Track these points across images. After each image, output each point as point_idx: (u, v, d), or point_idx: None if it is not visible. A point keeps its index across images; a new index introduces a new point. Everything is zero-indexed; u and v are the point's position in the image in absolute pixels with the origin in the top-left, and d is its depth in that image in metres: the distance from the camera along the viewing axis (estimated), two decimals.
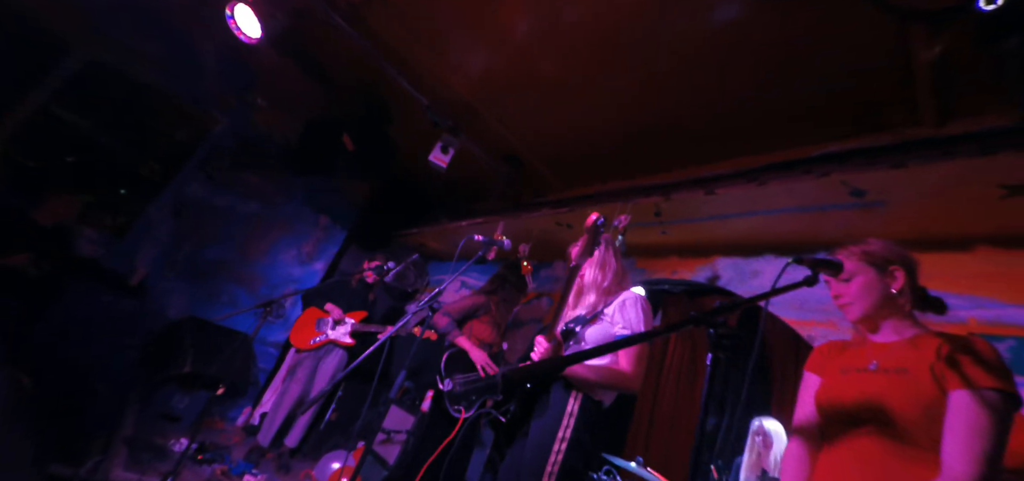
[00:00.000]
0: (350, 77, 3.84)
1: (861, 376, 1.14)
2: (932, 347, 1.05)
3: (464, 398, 2.57)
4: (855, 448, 1.07)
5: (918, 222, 1.95)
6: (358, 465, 1.87)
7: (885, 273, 1.18)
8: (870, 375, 1.12)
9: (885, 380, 1.08)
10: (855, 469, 1.06)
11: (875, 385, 1.09)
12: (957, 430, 0.94)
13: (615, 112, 2.76)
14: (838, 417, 1.14)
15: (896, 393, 1.04)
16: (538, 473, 1.53)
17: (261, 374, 4.32)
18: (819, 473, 1.14)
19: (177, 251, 4.12)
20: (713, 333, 0.98)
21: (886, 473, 1.01)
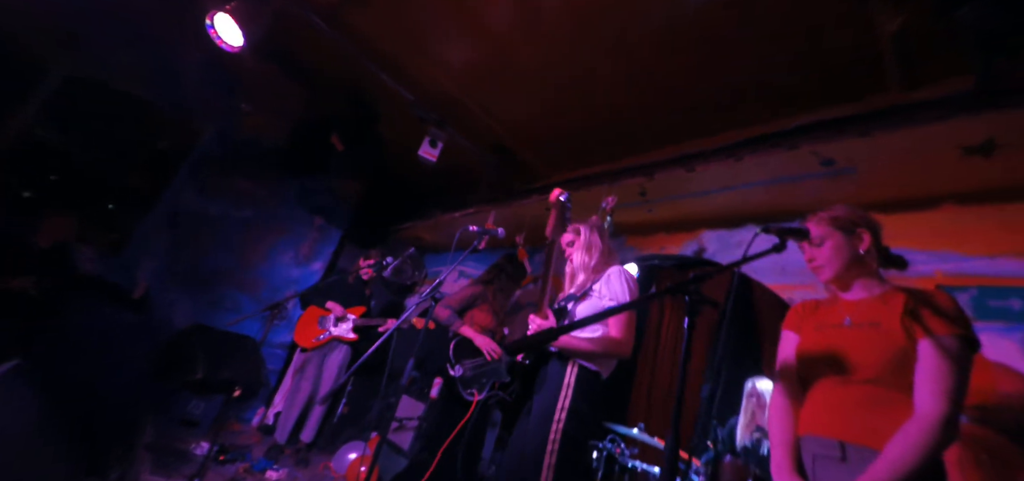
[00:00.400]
0: (334, 77, 3.86)
1: (836, 331, 1.23)
2: (899, 302, 1.16)
3: (475, 382, 2.67)
4: (834, 396, 1.17)
5: (886, 186, 2.05)
6: (375, 453, 1.98)
7: (853, 235, 1.28)
8: (844, 330, 1.21)
9: (859, 333, 1.18)
10: (836, 415, 1.16)
11: (850, 338, 1.19)
12: (926, 374, 1.05)
13: (596, 97, 2.82)
14: (817, 369, 1.24)
15: (870, 345, 1.14)
16: (541, 443, 1.62)
17: (271, 375, 4.43)
18: (803, 422, 1.23)
19: (176, 262, 4.17)
20: (688, 300, 1.06)
21: (863, 416, 1.11)
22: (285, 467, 3.28)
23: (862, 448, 1.08)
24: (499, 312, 3.02)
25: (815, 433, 1.18)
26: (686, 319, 1.05)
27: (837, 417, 1.15)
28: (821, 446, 1.15)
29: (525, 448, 1.70)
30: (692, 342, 1.08)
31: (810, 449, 1.18)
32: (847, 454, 1.10)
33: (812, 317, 1.35)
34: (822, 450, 1.14)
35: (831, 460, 1.12)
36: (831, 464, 1.12)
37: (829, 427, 1.15)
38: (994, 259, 1.83)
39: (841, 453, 1.11)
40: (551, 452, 1.61)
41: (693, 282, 1.07)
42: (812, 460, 1.16)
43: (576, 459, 1.68)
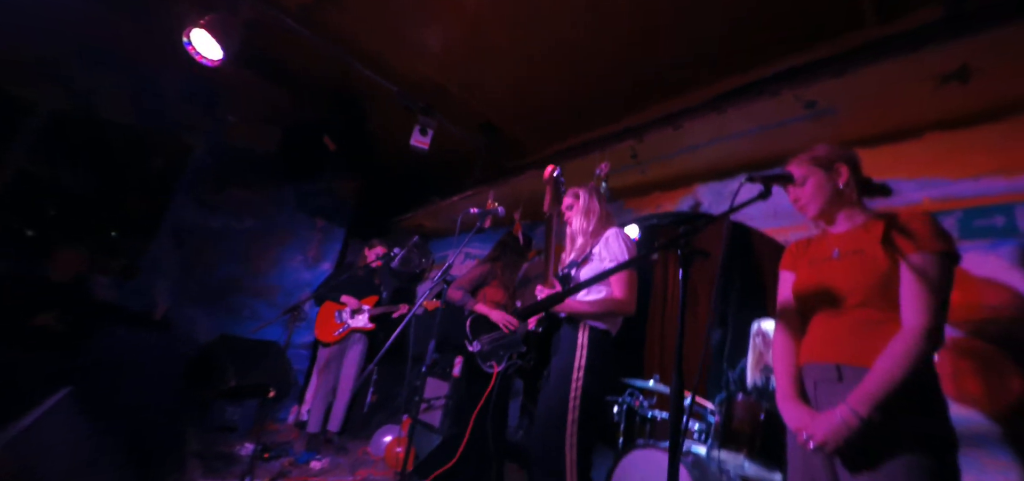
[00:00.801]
0: (317, 78, 3.88)
1: (826, 264, 1.30)
2: (879, 227, 1.23)
3: (494, 354, 2.79)
4: (830, 325, 1.25)
5: (868, 121, 2.09)
6: (409, 434, 2.13)
7: (831, 171, 1.33)
8: (833, 262, 1.29)
9: (846, 263, 1.25)
10: (831, 341, 1.23)
11: (839, 269, 1.26)
12: (909, 291, 1.13)
13: (575, 64, 2.83)
14: (813, 302, 1.31)
15: (856, 272, 1.22)
16: (564, 400, 1.74)
17: (298, 375, 4.61)
18: (803, 353, 1.31)
19: (189, 279, 4.29)
20: (681, 254, 1.11)
21: (856, 339, 1.18)
22: (327, 456, 3.48)
23: (856, 368, 1.15)
24: (509, 286, 3.12)
25: (814, 360, 1.26)
26: (681, 271, 1.11)
27: (832, 343, 1.23)
28: (820, 371, 1.23)
29: (549, 410, 1.80)
30: (687, 293, 1.15)
31: (811, 376, 1.26)
32: (843, 375, 1.17)
33: (805, 254, 1.42)
34: (821, 375, 1.22)
35: (829, 382, 1.20)
36: (829, 386, 1.19)
37: (826, 353, 1.23)
38: (978, 180, 1.88)
39: (837, 375, 1.18)
40: (573, 407, 1.73)
41: (684, 236, 1.11)
42: (813, 386, 1.24)
43: (596, 413, 1.79)
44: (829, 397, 1.18)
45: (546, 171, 2.04)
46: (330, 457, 3.49)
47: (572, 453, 1.70)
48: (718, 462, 2.48)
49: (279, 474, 2.98)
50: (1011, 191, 1.80)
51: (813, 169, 1.35)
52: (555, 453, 1.71)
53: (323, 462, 3.34)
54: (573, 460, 1.69)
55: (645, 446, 2.47)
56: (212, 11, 2.80)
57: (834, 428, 1.09)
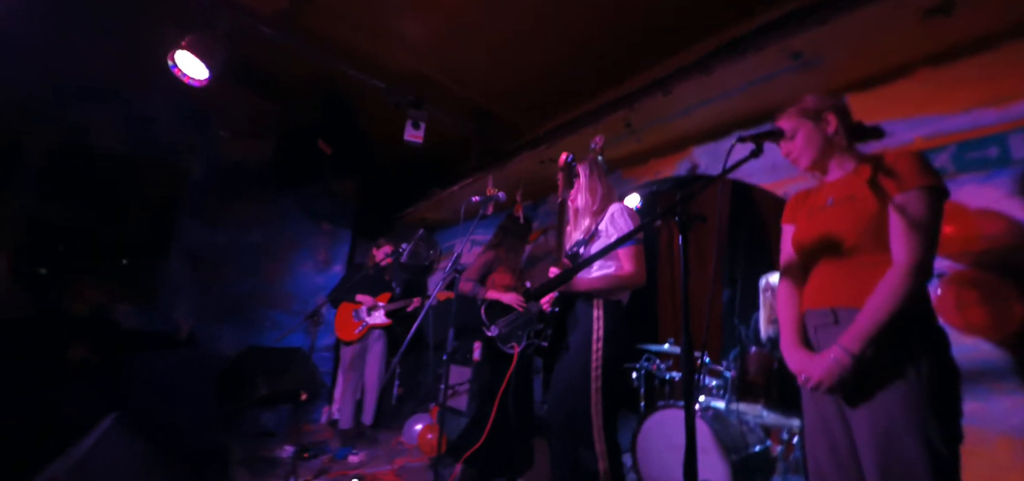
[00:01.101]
0: (302, 84, 3.90)
1: (823, 213, 1.33)
2: (866, 170, 1.26)
3: (512, 335, 2.87)
4: (828, 272, 1.29)
5: (856, 66, 2.08)
6: (439, 420, 2.24)
7: (820, 121, 1.36)
8: (828, 210, 1.32)
9: (840, 210, 1.28)
10: (828, 287, 1.28)
11: (833, 216, 1.29)
12: (897, 228, 1.15)
13: (559, 37, 2.81)
14: (812, 251, 1.35)
15: (849, 217, 1.25)
16: (585, 369, 1.81)
17: (325, 376, 4.78)
18: (804, 302, 1.36)
19: (207, 297, 4.42)
20: (678, 221, 1.16)
21: (849, 282, 1.23)
22: (363, 449, 3.65)
23: (851, 309, 1.18)
24: (515, 268, 3.20)
25: (813, 307, 1.30)
26: (681, 238, 1.16)
27: (828, 289, 1.27)
28: (818, 317, 1.27)
29: (570, 380, 1.87)
30: (690, 258, 1.20)
31: (811, 322, 1.30)
32: (839, 318, 1.21)
33: (803, 206, 1.45)
34: (819, 320, 1.27)
35: (827, 327, 1.25)
36: (827, 330, 1.24)
37: (823, 299, 1.27)
38: (969, 113, 1.88)
39: (834, 318, 1.23)
40: (595, 376, 1.79)
41: (680, 203, 1.16)
42: (814, 331, 1.29)
43: (618, 378, 1.85)
44: (828, 340, 1.22)
45: (561, 158, 2.07)
46: (366, 450, 3.66)
47: (598, 418, 1.77)
48: (737, 414, 2.58)
49: (320, 471, 3.14)
50: (1002, 121, 1.80)
51: (802, 121, 1.37)
52: (582, 422, 1.78)
53: (360, 455, 3.51)
54: (599, 425, 1.77)
55: (666, 406, 2.57)
56: (191, 31, 2.82)
57: (828, 367, 1.15)
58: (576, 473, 1.82)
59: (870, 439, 1.11)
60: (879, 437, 1.10)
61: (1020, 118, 1.77)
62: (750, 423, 2.62)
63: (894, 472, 1.06)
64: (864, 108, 2.14)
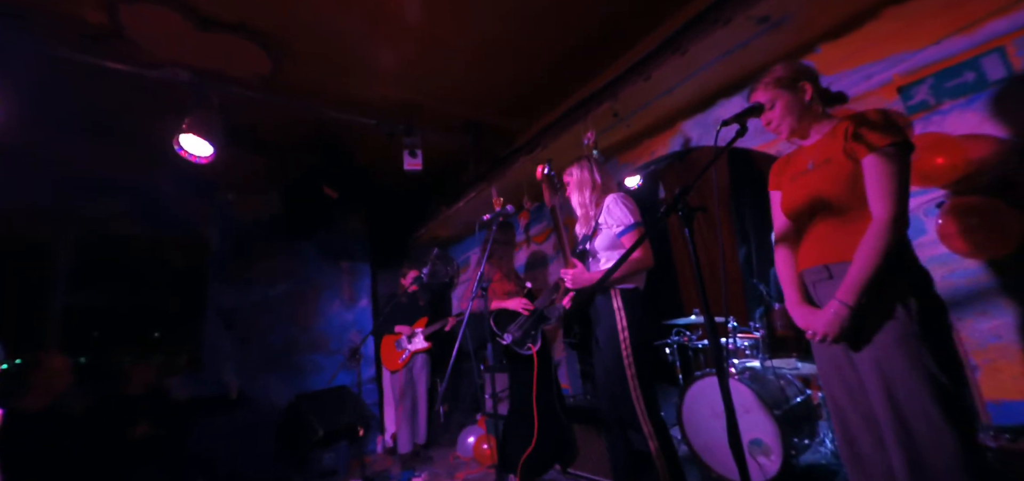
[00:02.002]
0: (297, 136, 4.04)
1: (804, 177, 1.43)
2: (841, 132, 1.34)
3: (527, 337, 2.99)
4: (818, 231, 1.39)
5: (824, 15, 2.13)
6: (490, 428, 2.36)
7: (796, 89, 1.43)
8: (809, 174, 1.41)
9: (820, 173, 1.37)
10: (818, 245, 1.38)
11: (814, 180, 1.38)
12: (873, 184, 1.24)
13: (530, 39, 2.87)
14: (800, 214, 1.45)
15: (829, 179, 1.34)
16: (619, 362, 1.94)
17: (373, 407, 5.00)
18: (800, 262, 1.46)
19: (249, 354, 4.66)
20: (681, 215, 1.25)
21: (836, 239, 1.33)
22: (423, 470, 3.84)
23: (841, 264, 1.29)
24: (511, 272, 3.31)
25: (808, 265, 1.41)
26: (686, 231, 1.25)
27: (819, 247, 1.38)
28: (814, 274, 1.39)
29: (608, 371, 2.00)
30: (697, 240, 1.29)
31: (809, 279, 1.41)
32: (832, 273, 1.32)
33: (786, 171, 1.54)
34: (815, 277, 1.38)
35: (823, 282, 1.35)
36: (824, 285, 1.35)
37: (816, 257, 1.38)
38: (940, 43, 1.92)
39: (828, 274, 1.33)
40: (628, 365, 1.92)
41: (679, 199, 1.25)
42: (812, 287, 1.41)
43: (649, 360, 1.97)
44: (826, 294, 1.34)
45: (537, 171, 2.18)
46: (427, 470, 3.85)
47: (640, 403, 1.90)
48: (773, 370, 2.66)
49: None
50: (974, 45, 1.83)
51: (778, 92, 1.44)
52: (626, 408, 1.92)
53: (422, 476, 3.69)
54: (642, 409, 1.90)
55: (703, 376, 2.66)
56: (186, 112, 2.96)
57: (829, 320, 1.26)
58: (630, 456, 1.96)
59: (874, 375, 1.23)
60: (882, 373, 1.21)
61: (990, 39, 1.81)
62: (787, 376, 2.69)
63: (898, 401, 1.17)
64: (840, 56, 2.21)
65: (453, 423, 4.68)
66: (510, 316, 3.05)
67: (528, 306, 3.01)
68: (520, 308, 3.02)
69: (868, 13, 2.09)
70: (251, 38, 2.71)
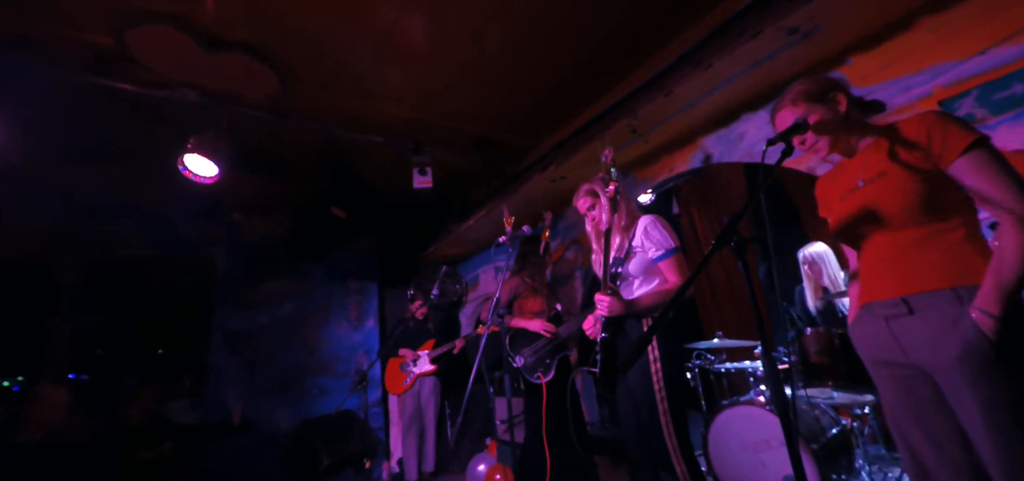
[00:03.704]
0: (305, 156, 4.00)
1: (855, 195, 1.29)
2: (886, 143, 1.21)
3: (539, 364, 2.84)
4: (881, 257, 1.24)
5: (855, 26, 2.03)
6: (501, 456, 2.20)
7: (829, 102, 1.30)
8: (861, 192, 1.27)
9: (873, 190, 1.23)
10: (887, 274, 1.22)
11: (868, 197, 1.24)
12: (980, 189, 1.08)
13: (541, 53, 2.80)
14: (853, 235, 1.32)
15: (887, 195, 1.19)
16: (649, 394, 1.80)
17: (379, 432, 4.86)
18: (864, 292, 1.30)
19: (254, 378, 4.55)
20: (734, 245, 1.10)
21: (910, 265, 1.17)
22: None
23: (923, 295, 1.13)
24: (542, 290, 3.16)
25: (879, 298, 1.24)
26: (740, 264, 1.11)
27: (889, 276, 1.21)
28: (887, 308, 1.20)
29: (638, 406, 1.86)
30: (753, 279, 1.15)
31: (880, 313, 1.23)
32: (912, 306, 1.15)
33: (833, 190, 1.41)
34: (890, 311, 1.20)
35: (900, 317, 1.17)
36: (901, 321, 1.17)
37: (887, 288, 1.21)
38: (985, 54, 1.81)
39: (907, 308, 1.16)
40: (661, 399, 1.78)
41: (730, 229, 1.10)
42: (886, 323, 1.21)
43: (682, 393, 1.84)
44: (905, 330, 1.16)
45: (610, 189, 1.99)
46: None
47: (672, 439, 1.76)
48: (806, 400, 2.49)
49: None
50: (1022, 55, 1.73)
51: (811, 107, 1.31)
52: (657, 445, 1.77)
53: None
54: (675, 446, 1.75)
55: (732, 405, 2.50)
56: (192, 129, 2.91)
57: (968, 341, 1.03)
58: None
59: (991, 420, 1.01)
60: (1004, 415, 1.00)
61: None
62: (822, 406, 2.53)
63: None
64: (875, 67, 2.11)
65: (463, 449, 4.52)
66: (528, 338, 2.91)
67: (550, 330, 2.87)
68: (541, 330, 2.87)
69: (900, 24, 2.00)
70: (259, 59, 2.66)
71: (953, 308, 1.08)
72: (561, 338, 2.86)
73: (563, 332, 2.87)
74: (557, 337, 2.85)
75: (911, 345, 1.16)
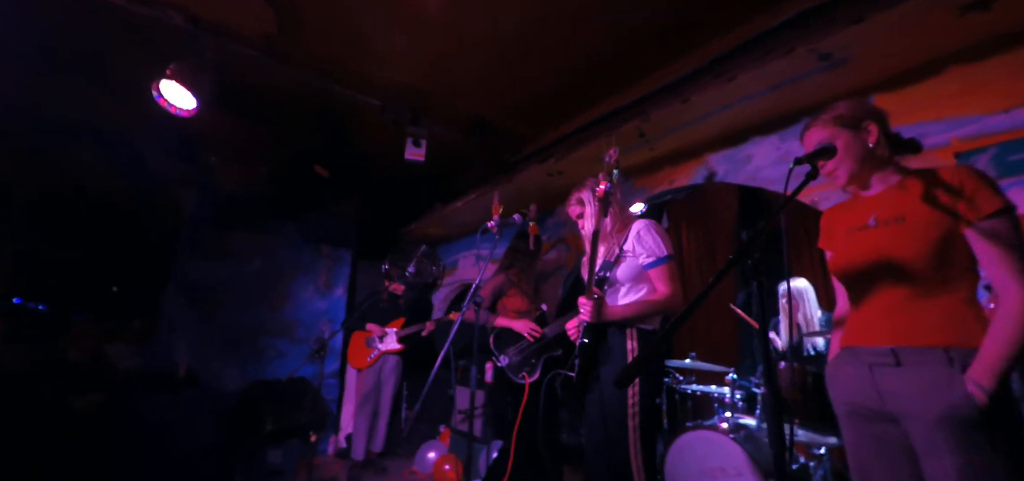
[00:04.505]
0: (296, 107, 3.77)
1: (864, 234, 1.23)
2: (919, 188, 1.15)
3: (525, 364, 2.75)
4: (878, 305, 1.19)
5: (885, 64, 1.99)
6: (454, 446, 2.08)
7: (859, 130, 1.24)
8: (871, 232, 1.21)
9: (887, 232, 1.17)
10: (883, 322, 1.17)
11: (879, 239, 1.18)
12: (992, 258, 1.06)
13: (561, 42, 2.69)
14: (855, 278, 1.25)
15: (900, 242, 1.14)
16: (623, 410, 1.70)
17: (331, 404, 4.65)
18: (853, 332, 1.25)
19: (209, 331, 4.27)
20: (751, 263, 1.04)
21: (908, 317, 1.13)
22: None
23: (914, 349, 1.10)
24: (528, 291, 3.07)
25: (867, 344, 1.20)
26: (755, 285, 1.04)
27: (884, 324, 1.17)
28: (875, 355, 1.17)
29: (606, 419, 1.76)
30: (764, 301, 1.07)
31: (865, 360, 1.19)
32: (901, 359, 1.12)
33: (840, 224, 1.35)
34: (876, 359, 1.17)
35: (886, 366, 1.14)
36: (886, 370, 1.14)
37: (877, 336, 1.18)
38: (1009, 112, 1.80)
39: (895, 359, 1.13)
40: (633, 414, 1.69)
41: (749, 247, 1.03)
42: (869, 369, 1.18)
43: (654, 417, 1.76)
44: (890, 381, 1.13)
45: (600, 189, 1.86)
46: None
47: (637, 460, 1.68)
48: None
49: None
50: None
51: (838, 130, 1.25)
52: (620, 462, 1.69)
53: None
54: (639, 467, 1.68)
55: (696, 428, 2.45)
56: (176, 60, 2.69)
57: (955, 404, 1.02)
58: None
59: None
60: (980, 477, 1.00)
61: None
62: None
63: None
64: (893, 109, 2.06)
65: (416, 434, 4.37)
66: (513, 337, 2.81)
67: (535, 332, 2.77)
68: (525, 332, 2.78)
69: (932, 67, 1.97)
70: None
71: (943, 368, 1.06)
72: (548, 339, 2.78)
73: (549, 333, 2.79)
74: (544, 338, 2.77)
75: (891, 394, 1.13)
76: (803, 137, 1.33)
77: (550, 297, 3.79)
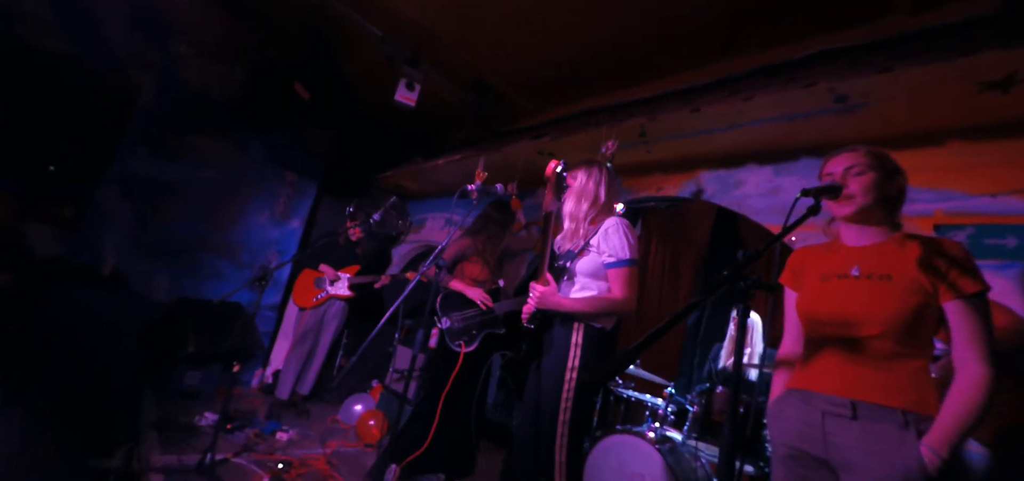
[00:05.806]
0: (288, 13, 3.46)
1: (843, 283, 1.20)
2: (913, 253, 1.13)
3: (464, 333, 2.69)
4: (842, 353, 1.17)
5: (894, 120, 2.00)
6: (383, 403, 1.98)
7: (889, 178, 1.22)
8: (852, 282, 1.19)
9: (870, 286, 1.15)
10: (846, 373, 1.16)
11: (859, 292, 1.16)
12: (966, 336, 1.08)
13: (584, 21, 2.58)
14: (822, 323, 1.22)
15: (882, 299, 1.13)
16: (556, 400, 1.68)
17: (264, 337, 4.40)
18: (809, 376, 1.23)
19: (143, 233, 3.92)
20: (743, 286, 1.01)
21: (875, 375, 1.12)
22: (294, 426, 3.36)
23: (874, 406, 1.10)
24: (490, 262, 2.99)
25: (824, 391, 1.18)
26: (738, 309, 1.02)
27: (847, 376, 1.16)
28: (830, 404, 1.15)
29: (540, 406, 1.73)
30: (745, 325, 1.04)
31: (818, 406, 1.18)
32: (858, 413, 1.11)
33: (813, 267, 1.31)
34: (832, 408, 1.15)
35: (841, 418, 1.13)
36: (842, 422, 1.13)
37: (839, 386, 1.16)
38: (995, 198, 1.84)
39: (852, 412, 1.12)
40: (565, 406, 1.67)
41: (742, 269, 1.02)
42: (821, 417, 1.17)
43: (589, 412, 1.73)
44: (841, 432, 1.13)
45: (549, 167, 1.84)
46: (297, 427, 3.38)
47: (562, 453, 1.65)
48: (693, 450, 2.52)
49: (244, 447, 2.84)
50: None
51: (872, 163, 1.22)
52: (546, 451, 1.67)
53: (290, 433, 3.23)
54: (562, 461, 1.65)
55: (625, 431, 2.46)
56: None
57: (906, 467, 1.04)
58: None
59: None
60: None
61: None
62: (703, 461, 2.58)
63: None
64: None
65: (346, 384, 4.23)
66: (461, 303, 2.72)
67: (486, 303, 2.69)
68: (478, 300, 2.70)
69: (935, 136, 1.99)
70: None
71: (898, 429, 1.07)
72: (494, 315, 2.71)
73: (499, 309, 2.73)
74: (491, 312, 2.70)
75: (838, 445, 1.13)
76: (828, 162, 1.29)
77: (513, 276, 3.71)
